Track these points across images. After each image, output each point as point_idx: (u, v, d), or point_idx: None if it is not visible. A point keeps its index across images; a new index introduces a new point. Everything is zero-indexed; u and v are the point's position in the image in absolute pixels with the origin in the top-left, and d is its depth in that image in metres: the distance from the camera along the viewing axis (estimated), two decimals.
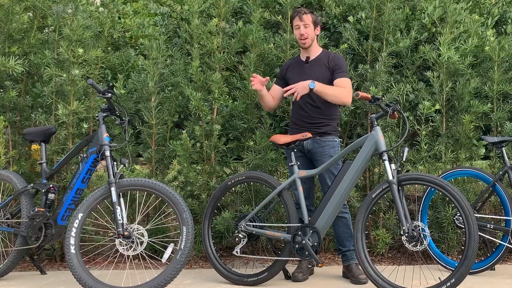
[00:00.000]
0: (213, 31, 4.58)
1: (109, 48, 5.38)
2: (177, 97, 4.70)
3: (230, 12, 4.77)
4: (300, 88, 3.80)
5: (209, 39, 4.56)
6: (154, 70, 4.56)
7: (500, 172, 4.15)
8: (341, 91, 3.88)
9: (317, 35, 4.09)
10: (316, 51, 4.08)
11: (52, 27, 4.76)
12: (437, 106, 4.49)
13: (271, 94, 4.16)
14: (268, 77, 4.06)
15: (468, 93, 4.51)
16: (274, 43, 4.68)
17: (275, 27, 5.11)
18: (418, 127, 4.53)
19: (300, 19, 3.97)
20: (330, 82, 3.95)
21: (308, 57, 4.06)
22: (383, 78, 4.51)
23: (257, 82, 3.99)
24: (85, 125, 4.51)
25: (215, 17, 4.64)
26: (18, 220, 4.09)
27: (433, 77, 4.54)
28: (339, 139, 4.15)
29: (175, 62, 4.76)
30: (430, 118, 4.55)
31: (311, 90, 3.78)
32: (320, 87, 3.81)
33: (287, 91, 3.86)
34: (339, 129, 4.68)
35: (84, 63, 4.52)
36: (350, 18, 4.67)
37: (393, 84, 4.58)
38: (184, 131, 4.52)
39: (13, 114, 4.63)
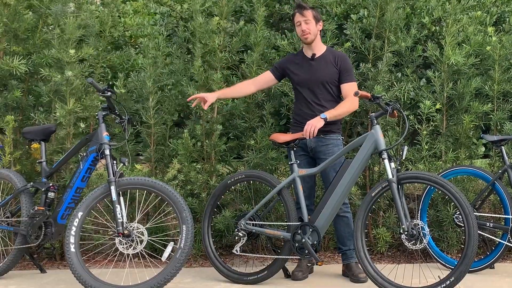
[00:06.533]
0: (215, 30, 4.58)
1: (109, 47, 5.38)
2: (177, 96, 4.69)
3: (231, 11, 4.77)
4: (316, 124, 3.74)
5: (211, 38, 4.56)
6: (152, 70, 4.56)
7: (500, 171, 4.15)
8: (349, 104, 3.89)
9: (320, 31, 4.07)
10: (320, 47, 4.07)
11: (52, 26, 4.76)
12: (438, 106, 4.49)
13: (259, 78, 4.18)
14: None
15: (469, 93, 4.51)
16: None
17: (275, 26, 5.12)
18: (419, 126, 4.53)
19: (301, 15, 3.95)
20: (336, 81, 3.98)
21: (314, 54, 4.04)
22: (385, 78, 4.51)
23: (206, 103, 4.01)
24: (82, 125, 4.49)
25: (216, 16, 4.64)
26: (18, 219, 4.09)
27: (434, 76, 4.54)
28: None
29: (175, 61, 4.76)
30: (431, 117, 4.55)
31: (325, 120, 3.77)
32: (332, 115, 3.81)
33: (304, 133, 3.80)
34: None
35: (84, 61, 4.52)
36: (354, 17, 4.67)
37: (394, 83, 4.58)
38: (185, 130, 4.52)
39: (15, 113, 4.63)
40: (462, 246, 3.73)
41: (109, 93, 3.69)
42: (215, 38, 4.55)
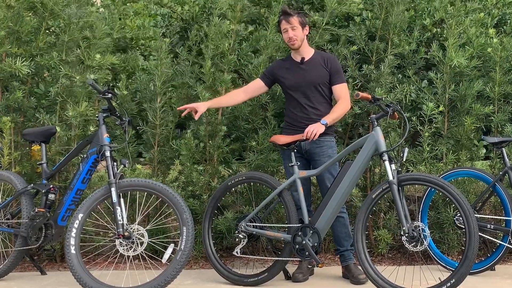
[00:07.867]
0: (226, 33, 4.58)
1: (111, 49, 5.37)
2: (182, 97, 4.69)
3: (245, 17, 4.78)
4: (318, 128, 3.76)
5: (222, 39, 4.56)
6: (161, 71, 4.55)
7: (500, 173, 4.15)
8: (343, 105, 3.93)
9: (307, 35, 4.06)
10: (309, 51, 4.07)
11: (59, 28, 4.75)
12: (441, 108, 4.47)
13: (250, 86, 4.19)
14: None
15: (471, 95, 4.51)
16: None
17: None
18: (421, 127, 4.52)
19: (288, 22, 3.95)
20: (328, 82, 4.00)
21: (303, 58, 4.05)
22: (387, 80, 4.51)
23: (197, 113, 3.98)
24: (92, 128, 4.49)
25: (229, 19, 4.64)
26: (18, 221, 4.09)
27: (437, 78, 4.54)
28: (336, 139, 4.14)
29: (182, 62, 4.76)
30: (433, 119, 4.54)
31: (325, 126, 3.78)
32: (331, 119, 3.84)
33: (304, 135, 3.80)
34: (340, 129, 4.68)
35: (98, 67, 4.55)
36: (357, 19, 4.66)
37: (396, 85, 4.57)
38: (188, 131, 4.52)
39: (17, 115, 4.63)
40: (463, 248, 3.73)
41: (109, 95, 3.70)
42: (225, 41, 4.56)
